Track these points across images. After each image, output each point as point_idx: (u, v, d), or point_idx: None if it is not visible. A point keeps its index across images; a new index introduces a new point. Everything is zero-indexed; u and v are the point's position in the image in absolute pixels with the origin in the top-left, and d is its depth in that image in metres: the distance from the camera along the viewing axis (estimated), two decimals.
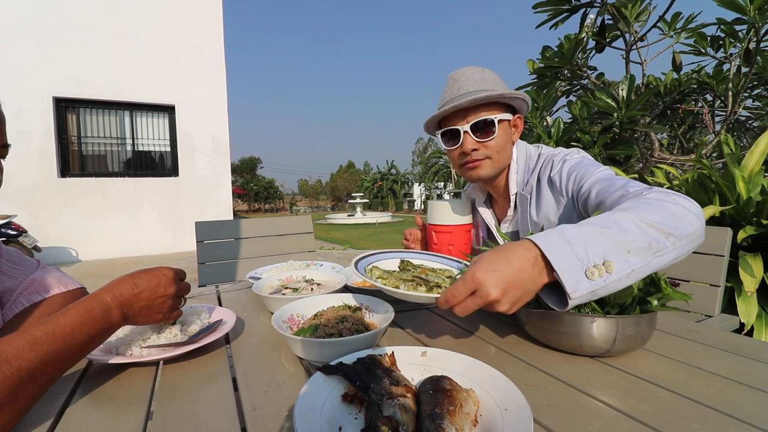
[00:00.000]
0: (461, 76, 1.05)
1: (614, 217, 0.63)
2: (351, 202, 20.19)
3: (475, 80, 1.03)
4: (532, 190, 1.07)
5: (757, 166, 2.07)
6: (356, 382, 0.50)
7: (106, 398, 0.57)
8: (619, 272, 0.57)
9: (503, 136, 1.04)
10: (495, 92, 0.99)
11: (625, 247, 0.58)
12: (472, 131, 1.02)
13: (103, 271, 5.73)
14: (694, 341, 0.74)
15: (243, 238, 1.96)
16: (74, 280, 0.81)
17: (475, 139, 1.03)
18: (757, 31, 2.66)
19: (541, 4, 3.32)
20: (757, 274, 1.74)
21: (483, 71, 1.06)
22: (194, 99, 7.39)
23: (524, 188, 1.09)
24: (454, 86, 1.05)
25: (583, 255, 0.57)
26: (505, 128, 1.05)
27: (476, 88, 1.02)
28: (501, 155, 1.06)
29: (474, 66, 1.08)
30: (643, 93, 2.98)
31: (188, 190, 7.46)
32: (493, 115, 1.01)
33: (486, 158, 1.05)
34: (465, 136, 1.03)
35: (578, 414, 0.50)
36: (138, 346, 0.69)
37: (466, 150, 1.04)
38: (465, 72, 1.06)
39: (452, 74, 1.08)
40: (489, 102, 1.01)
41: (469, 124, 1.01)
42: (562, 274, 0.56)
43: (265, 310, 0.96)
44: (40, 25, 6.27)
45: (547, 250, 0.57)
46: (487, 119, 1.01)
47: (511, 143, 1.09)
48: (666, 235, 0.61)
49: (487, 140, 1.02)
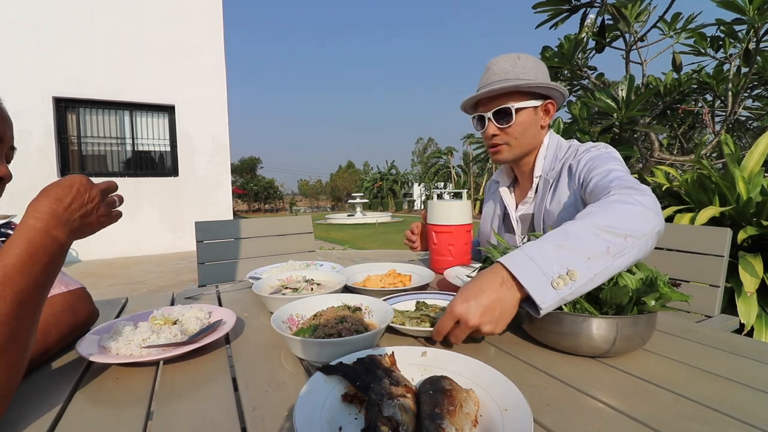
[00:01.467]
0: (493, 65, 1.13)
1: (572, 228, 0.68)
2: (351, 202, 20.19)
3: (504, 69, 1.10)
4: (556, 177, 1.13)
5: (757, 166, 2.08)
6: (356, 382, 0.50)
7: (106, 398, 0.57)
8: (583, 278, 0.61)
9: (523, 123, 1.12)
10: (510, 84, 1.06)
11: (585, 255, 0.63)
12: (494, 118, 1.12)
13: (103, 271, 5.73)
14: (694, 341, 0.74)
15: (243, 238, 1.96)
16: (74, 279, 0.81)
17: (496, 125, 1.12)
18: (757, 31, 2.66)
19: (541, 4, 3.33)
20: (757, 274, 1.74)
21: (517, 58, 1.12)
22: (194, 99, 7.39)
23: (549, 173, 1.15)
24: (486, 75, 1.14)
25: (547, 268, 0.62)
26: (527, 115, 1.12)
27: (503, 77, 1.09)
28: (520, 141, 1.14)
29: (510, 54, 1.14)
30: (643, 93, 2.98)
31: (188, 190, 7.46)
32: (512, 103, 1.09)
33: (504, 144, 1.14)
34: (488, 122, 1.13)
35: (578, 414, 0.50)
36: (138, 346, 0.69)
37: (488, 135, 1.15)
38: (498, 61, 1.13)
39: (488, 62, 1.16)
40: (512, 91, 1.09)
41: (491, 111, 1.11)
42: (530, 289, 0.61)
43: (265, 310, 0.96)
44: (40, 25, 6.26)
45: (514, 270, 0.63)
46: (505, 108, 1.09)
47: (536, 128, 1.15)
48: (623, 237, 0.65)
49: (505, 127, 1.12)
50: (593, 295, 0.68)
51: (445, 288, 1.06)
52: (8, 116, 0.69)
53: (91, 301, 0.81)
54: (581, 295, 0.64)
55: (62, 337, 0.71)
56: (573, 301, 0.67)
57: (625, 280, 0.67)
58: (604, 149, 1.05)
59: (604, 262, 0.63)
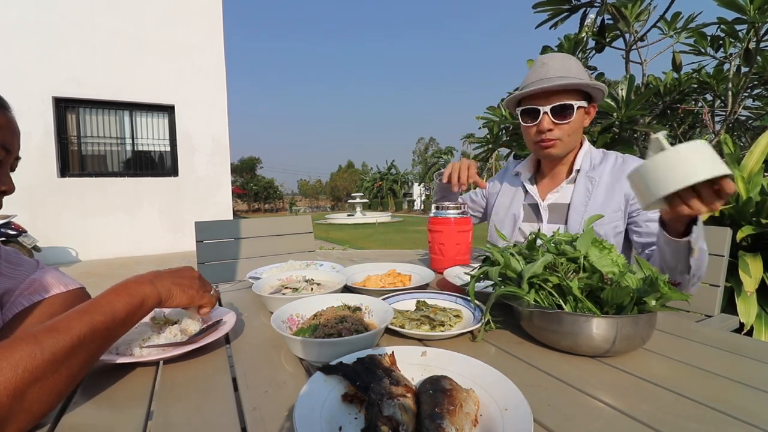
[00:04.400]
0: (549, 60, 1.15)
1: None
2: (351, 202, 20.20)
3: (562, 66, 1.13)
4: (600, 178, 1.18)
5: (756, 166, 2.08)
6: (356, 382, 0.50)
7: (106, 398, 0.57)
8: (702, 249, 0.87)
9: (578, 121, 1.16)
10: (581, 81, 1.09)
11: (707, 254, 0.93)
12: (551, 113, 1.12)
13: (102, 271, 5.73)
14: (694, 341, 0.74)
15: (243, 238, 1.96)
16: (74, 279, 0.81)
17: (553, 120, 1.13)
18: (757, 30, 2.65)
19: (541, 3, 3.32)
20: (756, 274, 1.74)
21: (569, 59, 1.16)
22: (194, 99, 7.39)
23: (590, 172, 1.20)
24: (542, 69, 1.14)
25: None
26: (581, 114, 1.16)
27: (562, 74, 1.11)
28: (572, 138, 1.17)
29: (560, 53, 1.18)
30: (643, 93, 2.98)
31: (188, 190, 7.46)
32: (574, 101, 1.11)
33: (558, 139, 1.16)
34: (544, 116, 1.13)
35: (578, 414, 0.50)
36: (138, 346, 0.69)
37: (543, 129, 1.14)
38: (553, 57, 1.16)
39: (541, 57, 1.18)
40: (571, 88, 1.11)
41: (551, 105, 1.12)
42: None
43: (265, 310, 0.95)
44: (40, 25, 6.26)
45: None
46: (567, 104, 1.11)
47: (582, 128, 1.20)
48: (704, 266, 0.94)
49: (563, 123, 1.13)
50: (594, 295, 0.68)
51: (445, 288, 1.06)
52: (17, 127, 0.70)
53: None
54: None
55: None
56: (573, 301, 0.67)
57: (627, 280, 0.67)
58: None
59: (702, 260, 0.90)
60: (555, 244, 0.77)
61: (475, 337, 0.75)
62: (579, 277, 0.69)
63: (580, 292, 0.67)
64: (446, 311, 0.84)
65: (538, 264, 0.69)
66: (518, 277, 0.72)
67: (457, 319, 0.81)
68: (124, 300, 0.58)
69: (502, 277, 0.77)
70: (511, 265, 0.74)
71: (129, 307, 0.59)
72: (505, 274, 0.76)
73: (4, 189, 0.69)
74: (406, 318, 0.80)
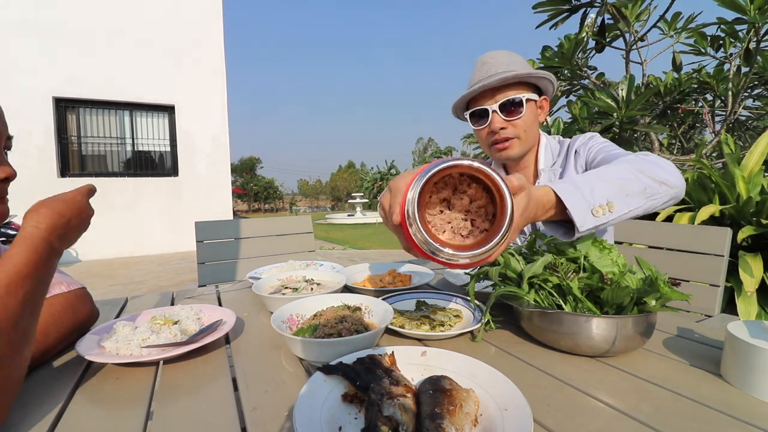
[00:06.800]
0: (489, 59, 1.09)
1: (615, 168, 0.73)
2: (351, 201, 20.19)
3: (503, 62, 1.08)
4: (561, 166, 1.13)
5: (756, 166, 2.08)
6: (356, 382, 0.50)
7: (106, 398, 0.57)
8: (619, 211, 0.66)
9: (530, 116, 1.09)
10: (523, 71, 1.03)
11: (625, 191, 0.68)
12: (500, 110, 1.06)
13: (103, 271, 5.73)
14: (694, 341, 0.74)
15: (243, 238, 1.96)
16: (74, 279, 0.81)
17: (503, 118, 1.07)
18: (757, 30, 2.66)
19: (541, 4, 3.33)
20: (756, 274, 1.74)
21: (510, 54, 1.11)
22: (194, 99, 7.39)
23: (552, 166, 1.15)
24: (483, 68, 1.09)
25: (590, 197, 0.65)
26: (532, 108, 1.10)
27: (505, 69, 1.06)
28: (528, 134, 1.10)
29: (501, 50, 1.13)
30: (643, 93, 2.98)
31: (188, 190, 7.46)
32: (521, 94, 1.05)
33: (515, 137, 1.09)
34: (493, 115, 1.07)
35: (578, 414, 0.50)
36: (138, 346, 0.69)
37: (494, 129, 1.07)
38: (493, 55, 1.11)
39: (480, 57, 1.13)
40: (517, 82, 1.06)
41: (498, 103, 1.05)
42: (573, 211, 0.63)
43: (265, 310, 0.95)
44: (40, 25, 6.26)
45: (561, 193, 0.64)
46: (515, 98, 1.05)
47: (537, 123, 1.14)
48: (659, 183, 0.72)
49: (514, 119, 1.07)
50: (594, 295, 0.68)
51: (445, 288, 1.06)
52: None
53: (92, 301, 0.81)
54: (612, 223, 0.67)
55: (62, 337, 0.71)
56: (573, 301, 0.67)
57: (627, 280, 0.67)
58: (600, 137, 1.10)
59: (639, 201, 0.69)
60: (555, 244, 0.77)
61: (475, 337, 0.75)
62: (579, 277, 0.69)
63: (580, 292, 0.67)
64: (446, 311, 0.84)
65: (538, 264, 0.69)
66: (518, 277, 0.73)
67: (457, 319, 0.81)
68: (42, 269, 0.57)
69: (502, 277, 0.77)
70: (511, 265, 0.74)
71: (43, 274, 0.57)
72: (505, 274, 0.76)
73: (6, 176, 0.69)
74: (406, 318, 0.80)
